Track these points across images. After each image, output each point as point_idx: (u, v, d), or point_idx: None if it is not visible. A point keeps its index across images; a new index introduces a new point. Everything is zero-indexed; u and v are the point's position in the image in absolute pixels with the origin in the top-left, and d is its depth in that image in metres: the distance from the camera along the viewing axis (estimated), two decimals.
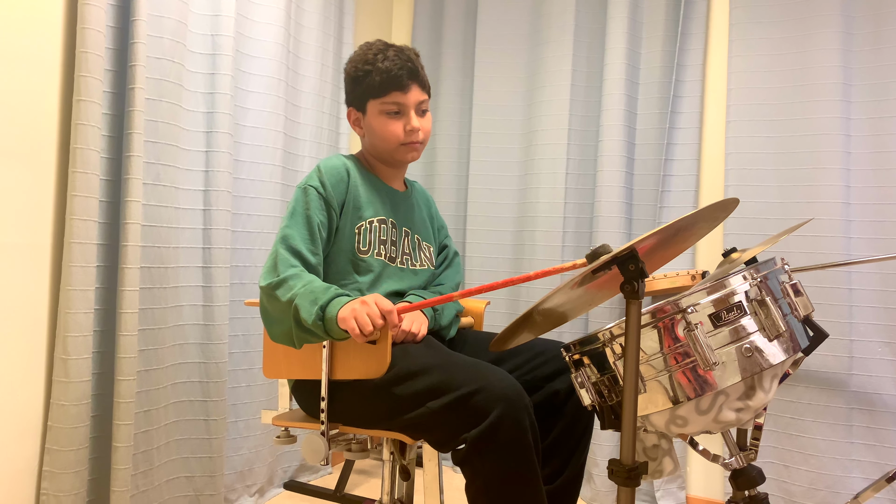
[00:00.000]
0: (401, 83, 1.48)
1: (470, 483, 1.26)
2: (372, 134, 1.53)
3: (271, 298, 1.35)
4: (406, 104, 1.49)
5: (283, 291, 1.33)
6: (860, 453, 2.11)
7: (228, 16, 2.02)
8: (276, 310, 1.35)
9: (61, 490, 1.62)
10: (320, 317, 1.28)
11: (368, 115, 1.52)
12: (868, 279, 2.13)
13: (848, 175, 2.17)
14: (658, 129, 2.43)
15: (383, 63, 1.47)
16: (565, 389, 1.46)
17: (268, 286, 1.35)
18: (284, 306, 1.32)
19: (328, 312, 1.27)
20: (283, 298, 1.32)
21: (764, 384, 1.16)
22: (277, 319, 1.36)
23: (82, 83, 1.62)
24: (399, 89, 1.48)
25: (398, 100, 1.49)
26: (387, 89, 1.48)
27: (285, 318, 1.33)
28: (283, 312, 1.33)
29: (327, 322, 1.27)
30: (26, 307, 1.63)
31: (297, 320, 1.30)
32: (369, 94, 1.50)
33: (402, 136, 1.50)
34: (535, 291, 2.55)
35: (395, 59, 1.48)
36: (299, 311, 1.29)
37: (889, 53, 2.13)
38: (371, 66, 1.48)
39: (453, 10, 2.82)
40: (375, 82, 1.48)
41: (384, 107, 1.49)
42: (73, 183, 1.63)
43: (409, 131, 1.50)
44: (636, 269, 1.04)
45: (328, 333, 1.28)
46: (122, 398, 1.72)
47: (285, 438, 1.50)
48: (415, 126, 1.50)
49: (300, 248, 1.39)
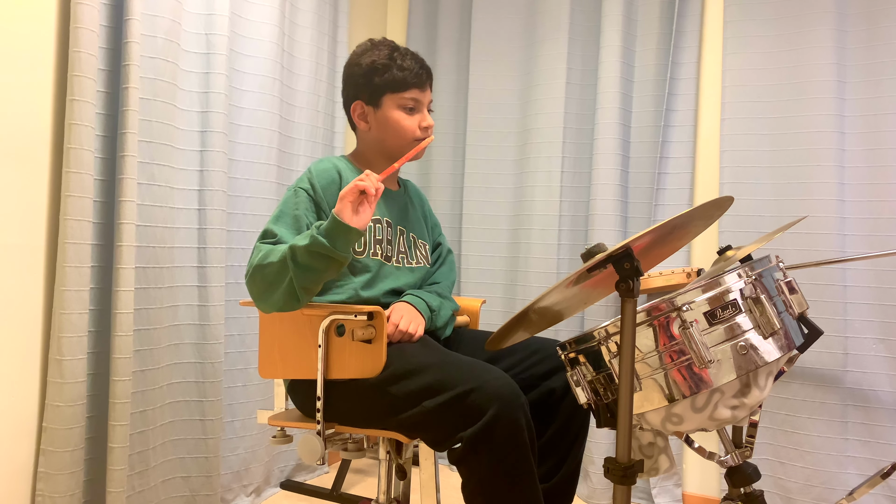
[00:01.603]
0: (421, 81, 1.54)
1: (466, 482, 1.26)
2: (385, 128, 1.54)
3: (262, 271, 1.32)
4: (422, 102, 1.56)
5: (273, 256, 1.31)
6: (855, 450, 2.12)
7: (222, 15, 2.01)
8: (269, 275, 1.31)
9: (56, 491, 1.62)
10: (318, 233, 1.27)
11: (383, 110, 1.53)
12: (862, 276, 2.14)
13: (842, 172, 2.17)
14: (653, 127, 2.43)
15: (404, 61, 1.53)
16: (561, 388, 1.47)
17: (254, 267, 1.33)
18: (278, 265, 1.30)
19: (321, 229, 1.27)
20: (275, 260, 1.30)
21: (759, 382, 1.17)
22: (273, 282, 1.32)
23: (76, 83, 1.62)
24: (419, 87, 1.54)
25: (417, 96, 1.54)
26: (408, 85, 1.52)
27: (281, 274, 1.30)
28: (277, 273, 1.30)
29: (327, 232, 1.26)
30: (20, 308, 1.62)
31: (294, 259, 1.27)
32: (388, 88, 1.52)
33: (418, 131, 1.55)
34: (531, 290, 2.56)
35: (414, 58, 1.55)
36: (295, 250, 1.27)
37: (883, 51, 2.14)
38: (391, 60, 1.52)
39: (448, 8, 2.82)
40: (398, 77, 1.51)
41: (403, 101, 1.53)
42: (67, 183, 1.62)
43: (424, 128, 1.55)
44: (631, 267, 1.04)
45: (333, 245, 1.26)
46: (118, 399, 1.71)
47: (281, 438, 1.50)
48: (430, 122, 1.57)
49: (280, 233, 1.38)
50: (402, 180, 1.70)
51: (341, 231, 1.27)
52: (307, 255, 1.27)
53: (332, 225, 1.27)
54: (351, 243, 1.29)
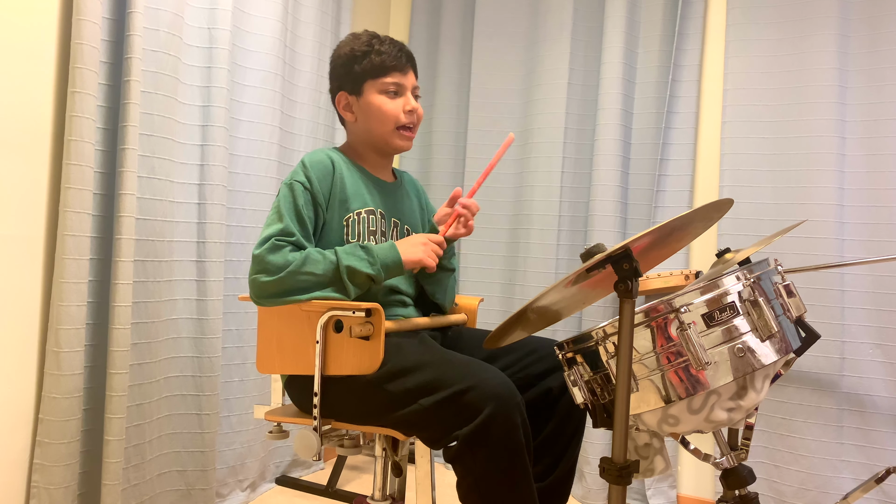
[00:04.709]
0: (401, 64, 1.52)
1: (461, 480, 1.26)
2: (368, 116, 1.53)
3: (297, 276, 1.34)
4: (405, 85, 1.53)
5: (313, 266, 1.35)
6: (850, 454, 2.12)
7: (225, 9, 2.01)
8: (306, 282, 1.35)
9: (52, 483, 1.62)
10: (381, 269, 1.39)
11: (365, 97, 1.52)
12: (860, 281, 2.14)
13: (842, 177, 2.17)
14: (654, 129, 2.43)
15: (382, 46, 1.52)
16: (558, 387, 1.47)
17: (288, 273, 1.34)
18: (323, 279, 1.35)
19: (384, 261, 1.40)
20: (318, 271, 1.35)
21: (756, 384, 1.17)
22: (304, 289, 1.35)
23: (77, 75, 1.61)
24: (399, 70, 1.52)
25: (398, 80, 1.52)
26: (387, 70, 1.51)
27: (321, 285, 1.36)
28: (316, 283, 1.35)
29: (387, 269, 1.40)
30: (19, 299, 1.62)
31: (353, 279, 1.37)
32: (368, 74, 1.51)
33: (402, 116, 1.52)
34: (530, 289, 2.56)
35: (392, 43, 1.53)
36: (355, 272, 1.36)
37: (885, 56, 2.14)
38: (370, 47, 1.51)
39: (451, 6, 2.82)
40: (376, 62, 1.50)
41: (384, 86, 1.51)
42: (68, 175, 1.62)
43: (408, 111, 1.53)
44: (630, 268, 1.04)
45: (385, 276, 1.40)
46: (115, 392, 1.71)
47: (277, 434, 1.50)
48: (414, 105, 1.54)
49: (297, 234, 1.39)
50: (397, 171, 1.69)
51: (397, 273, 1.42)
52: (366, 279, 1.38)
53: (395, 267, 1.41)
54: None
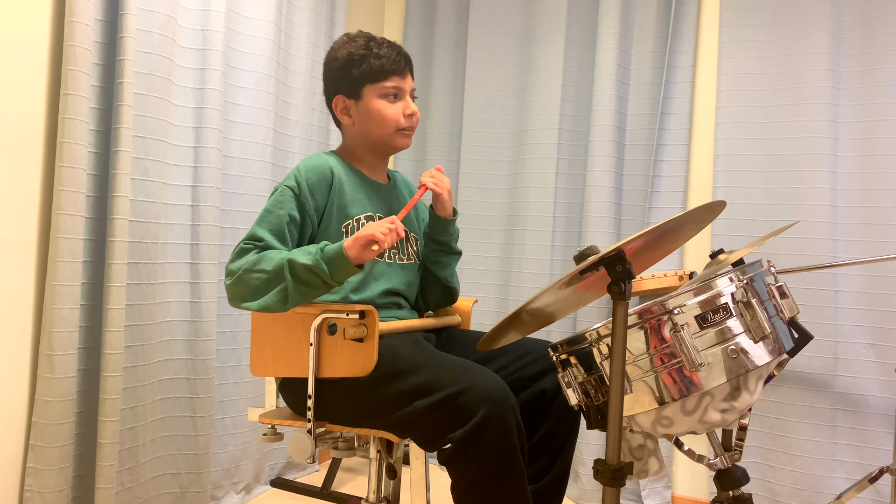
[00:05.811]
0: (400, 68, 1.52)
1: (455, 482, 1.26)
2: (367, 120, 1.52)
3: (249, 275, 1.32)
4: (404, 89, 1.53)
5: (265, 264, 1.32)
6: (844, 454, 2.13)
7: (219, 11, 2.01)
8: (257, 280, 1.32)
9: (45, 487, 1.61)
10: (322, 257, 1.29)
11: (365, 100, 1.51)
12: (853, 281, 2.15)
13: (835, 178, 2.18)
14: (648, 130, 2.44)
15: (380, 49, 1.50)
16: (552, 389, 1.47)
17: (243, 271, 1.32)
18: (272, 274, 1.31)
19: (325, 253, 1.30)
20: (268, 268, 1.31)
21: (749, 385, 1.17)
22: (257, 288, 1.32)
23: (70, 77, 1.61)
24: (398, 73, 1.51)
25: (397, 84, 1.51)
26: (387, 74, 1.50)
27: (273, 282, 1.31)
28: (268, 281, 1.31)
29: (330, 260, 1.29)
30: (11, 302, 1.61)
31: (294, 273, 1.29)
32: (367, 78, 1.50)
33: (402, 120, 1.52)
34: (524, 291, 2.56)
35: (390, 46, 1.52)
36: (295, 265, 1.29)
37: (877, 57, 2.15)
38: (367, 50, 1.50)
39: (445, 8, 2.82)
40: (375, 66, 1.49)
41: (384, 90, 1.51)
42: (60, 178, 1.61)
43: (408, 115, 1.53)
44: (623, 270, 1.04)
45: (331, 273, 1.29)
46: (108, 394, 1.71)
47: (272, 436, 1.50)
48: (414, 109, 1.54)
49: (265, 238, 1.38)
50: (391, 172, 1.69)
51: (343, 265, 1.30)
52: (307, 272, 1.30)
53: (337, 257, 1.30)
54: (349, 276, 1.33)
